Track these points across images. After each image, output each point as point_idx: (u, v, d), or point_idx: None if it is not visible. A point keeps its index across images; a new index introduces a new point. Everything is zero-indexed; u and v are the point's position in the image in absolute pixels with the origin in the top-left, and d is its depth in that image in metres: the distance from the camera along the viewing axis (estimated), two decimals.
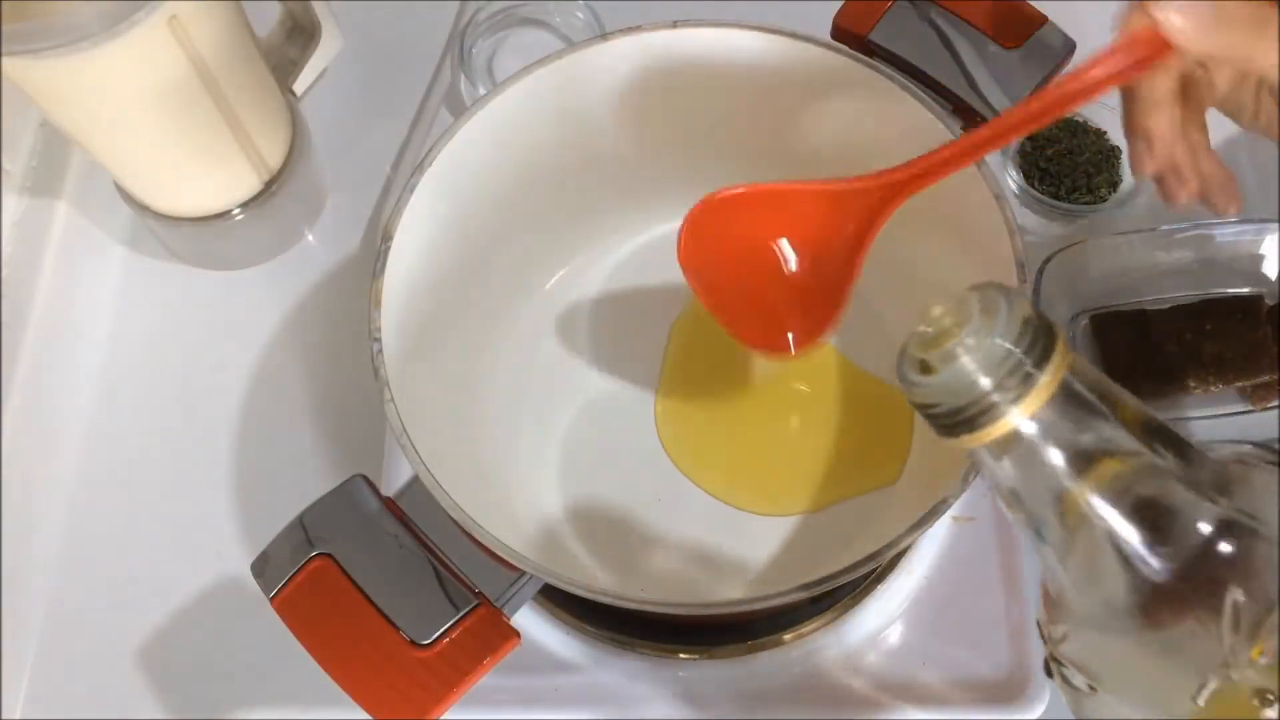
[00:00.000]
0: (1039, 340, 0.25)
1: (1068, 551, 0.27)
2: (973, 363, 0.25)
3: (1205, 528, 0.26)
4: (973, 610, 0.47)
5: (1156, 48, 0.32)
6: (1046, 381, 0.25)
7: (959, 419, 0.26)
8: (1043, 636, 0.30)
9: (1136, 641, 0.27)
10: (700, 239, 0.42)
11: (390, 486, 0.46)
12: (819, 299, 0.41)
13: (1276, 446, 0.28)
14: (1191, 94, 0.37)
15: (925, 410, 0.27)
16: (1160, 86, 0.35)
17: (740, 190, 0.42)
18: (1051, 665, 0.29)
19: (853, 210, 0.39)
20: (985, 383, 0.25)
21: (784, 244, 0.42)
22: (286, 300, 0.59)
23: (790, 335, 0.42)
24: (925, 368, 0.27)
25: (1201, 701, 0.24)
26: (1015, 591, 0.47)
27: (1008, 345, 0.25)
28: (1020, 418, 0.25)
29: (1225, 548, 0.25)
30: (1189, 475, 0.26)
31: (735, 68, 0.45)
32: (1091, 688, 0.27)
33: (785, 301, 0.42)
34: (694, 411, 0.50)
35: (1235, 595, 0.24)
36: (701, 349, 0.51)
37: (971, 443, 0.26)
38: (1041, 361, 0.25)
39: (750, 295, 0.42)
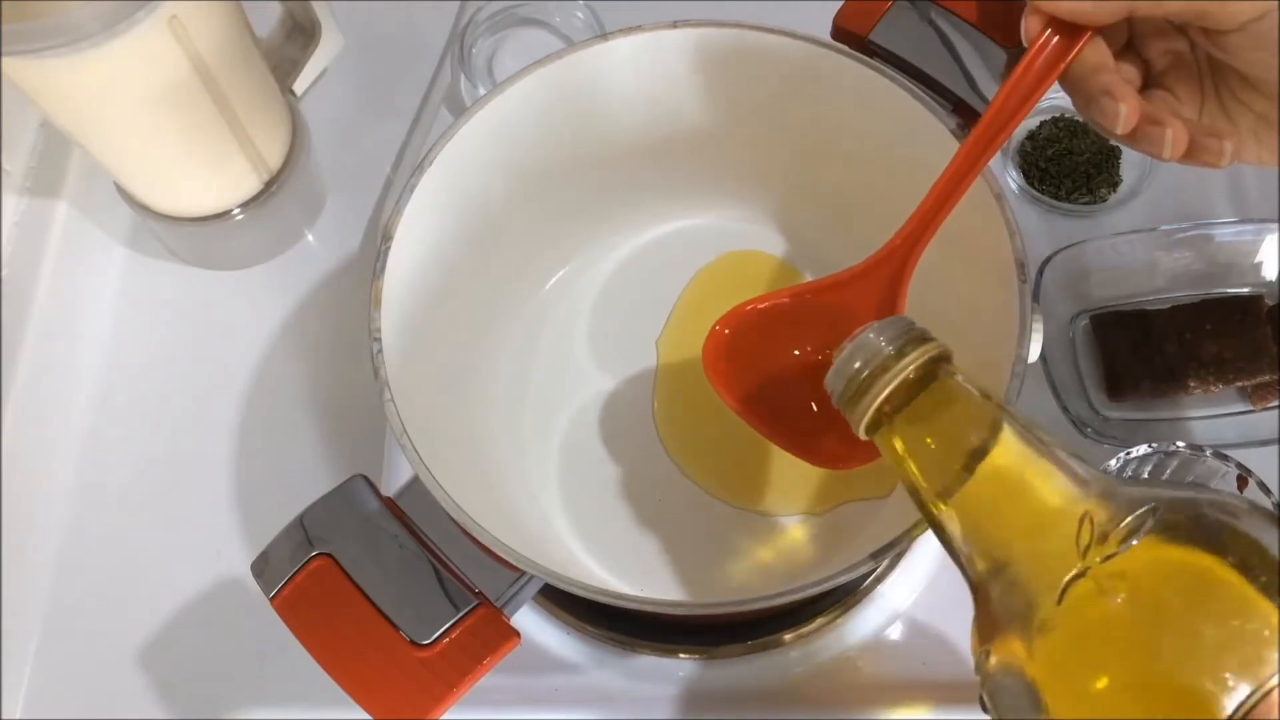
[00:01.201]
0: (909, 340, 0.32)
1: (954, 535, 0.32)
2: (854, 351, 0.32)
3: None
4: (973, 610, 0.47)
5: (1060, 41, 0.35)
6: (905, 365, 0.31)
7: (849, 394, 0.32)
8: (977, 671, 0.32)
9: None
10: (727, 358, 0.43)
11: (390, 486, 0.46)
12: None
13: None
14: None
15: (834, 398, 0.33)
16: (1089, 59, 0.35)
17: (758, 304, 0.42)
18: (984, 697, 0.32)
19: (870, 295, 0.41)
20: (858, 364, 0.32)
21: (814, 350, 0.42)
22: (286, 300, 0.59)
23: (844, 446, 0.40)
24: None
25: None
26: None
27: (880, 340, 0.32)
28: (887, 389, 0.32)
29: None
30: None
31: (735, 68, 0.45)
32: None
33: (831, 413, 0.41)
34: (694, 409, 0.50)
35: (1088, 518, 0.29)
36: (698, 347, 0.51)
37: (862, 415, 0.32)
38: (904, 352, 0.32)
39: (795, 411, 0.42)
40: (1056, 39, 0.35)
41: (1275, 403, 0.53)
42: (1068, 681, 0.28)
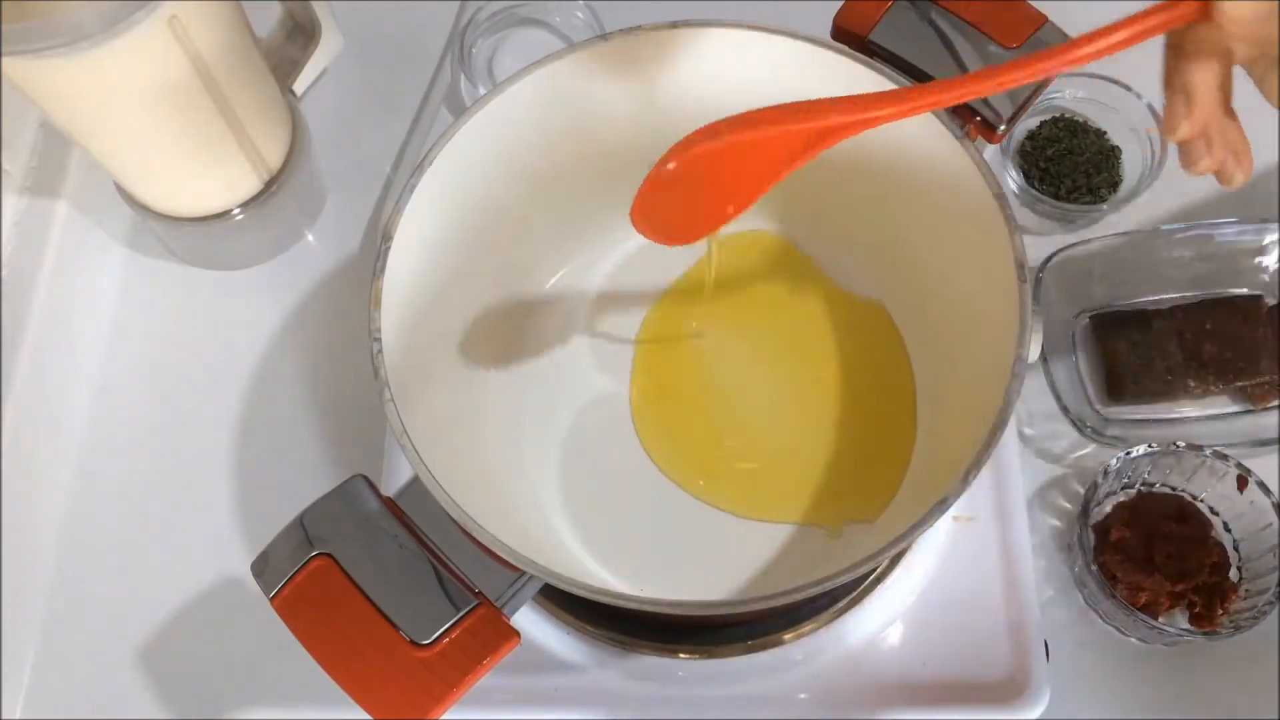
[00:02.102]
0: None
1: None
2: None
3: None
4: (973, 610, 0.47)
5: (1194, 14, 0.31)
6: None
7: None
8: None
9: None
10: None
11: (390, 486, 0.46)
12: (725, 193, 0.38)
13: None
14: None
15: None
16: (1210, 38, 0.33)
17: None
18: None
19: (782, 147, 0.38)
20: None
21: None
22: (286, 300, 0.59)
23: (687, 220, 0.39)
24: None
25: None
26: (1015, 591, 0.47)
27: None
28: None
29: None
30: None
31: (735, 68, 0.45)
32: None
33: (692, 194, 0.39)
34: (673, 413, 0.50)
35: None
36: (677, 347, 0.51)
37: None
38: None
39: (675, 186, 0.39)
40: (1182, 10, 0.31)
41: (1275, 403, 0.53)
42: None
